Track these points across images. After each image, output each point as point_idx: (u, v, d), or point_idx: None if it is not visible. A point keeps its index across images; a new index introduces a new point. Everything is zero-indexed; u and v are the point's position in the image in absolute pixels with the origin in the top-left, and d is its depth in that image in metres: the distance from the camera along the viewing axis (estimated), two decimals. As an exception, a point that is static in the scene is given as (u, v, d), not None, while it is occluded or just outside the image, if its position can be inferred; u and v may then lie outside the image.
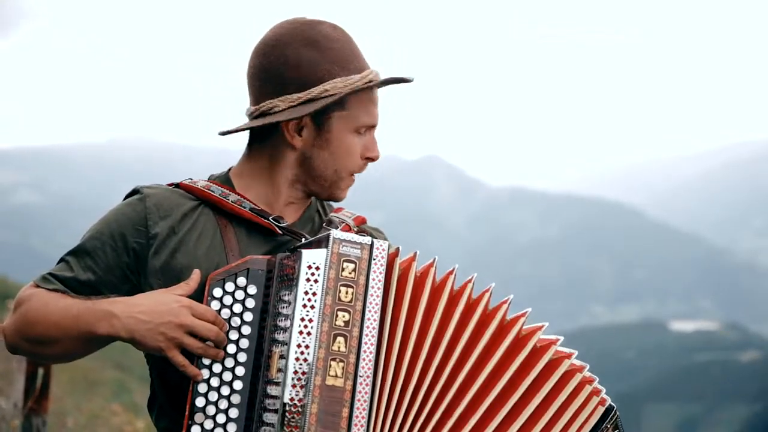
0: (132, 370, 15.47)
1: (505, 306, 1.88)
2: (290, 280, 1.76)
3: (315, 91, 1.93)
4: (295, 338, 1.70)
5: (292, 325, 1.71)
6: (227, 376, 1.80)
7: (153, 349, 1.79)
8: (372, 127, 2.02)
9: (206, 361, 1.80)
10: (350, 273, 1.73)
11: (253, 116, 2.00)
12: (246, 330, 1.82)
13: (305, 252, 1.73)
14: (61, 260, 1.97)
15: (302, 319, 1.70)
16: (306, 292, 1.71)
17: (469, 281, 1.88)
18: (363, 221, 2.15)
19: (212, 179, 2.06)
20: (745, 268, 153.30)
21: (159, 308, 1.78)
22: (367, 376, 1.71)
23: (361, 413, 1.70)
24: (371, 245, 1.77)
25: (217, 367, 1.80)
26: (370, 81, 1.96)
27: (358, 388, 1.71)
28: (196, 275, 1.85)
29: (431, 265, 1.85)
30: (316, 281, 1.71)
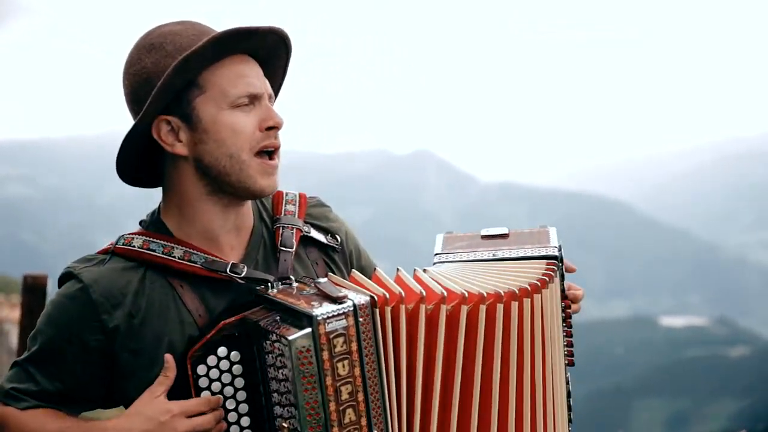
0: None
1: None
2: (280, 356, 1.70)
3: (157, 89, 1.75)
4: (306, 423, 1.67)
5: (299, 410, 1.67)
6: None
7: None
8: (254, 96, 1.80)
9: None
10: (342, 346, 1.67)
11: None
12: (241, 396, 1.79)
13: (292, 339, 1.65)
14: (18, 367, 1.83)
15: (307, 403, 1.66)
16: (304, 377, 1.65)
17: (462, 304, 1.76)
18: (306, 202, 2.03)
19: (144, 227, 1.90)
20: (735, 263, 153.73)
21: (152, 427, 1.71)
22: (381, 430, 1.73)
23: None
24: (354, 309, 1.69)
25: None
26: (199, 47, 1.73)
27: None
28: (170, 363, 1.76)
29: (420, 301, 1.75)
30: (310, 363, 1.65)
